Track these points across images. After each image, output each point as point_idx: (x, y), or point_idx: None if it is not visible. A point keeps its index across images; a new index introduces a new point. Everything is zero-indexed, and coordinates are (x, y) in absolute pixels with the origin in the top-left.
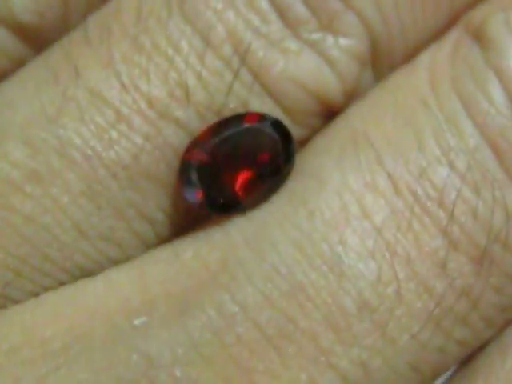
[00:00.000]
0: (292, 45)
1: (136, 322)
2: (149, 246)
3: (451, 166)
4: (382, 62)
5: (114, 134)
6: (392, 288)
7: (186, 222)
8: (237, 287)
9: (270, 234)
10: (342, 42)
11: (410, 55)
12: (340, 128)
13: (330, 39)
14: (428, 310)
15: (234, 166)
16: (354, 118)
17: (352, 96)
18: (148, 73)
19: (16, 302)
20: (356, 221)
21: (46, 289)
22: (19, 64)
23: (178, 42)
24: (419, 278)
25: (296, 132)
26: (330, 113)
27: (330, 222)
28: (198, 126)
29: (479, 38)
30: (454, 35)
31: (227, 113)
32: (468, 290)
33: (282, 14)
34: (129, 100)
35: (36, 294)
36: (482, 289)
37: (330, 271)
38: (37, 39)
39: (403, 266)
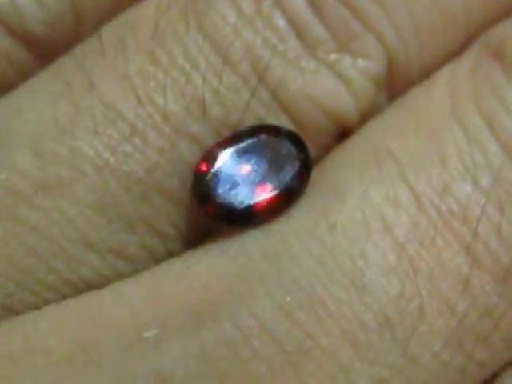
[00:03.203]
0: (309, 64)
1: (146, 334)
2: (158, 260)
3: (475, 182)
4: (397, 82)
5: (128, 148)
6: (414, 304)
7: (197, 238)
8: (254, 300)
9: (289, 247)
10: (360, 63)
11: (427, 74)
12: (360, 143)
13: (347, 60)
14: (450, 328)
15: (250, 178)
16: (374, 134)
17: (366, 116)
18: (164, 87)
19: (17, 314)
20: (378, 235)
21: (48, 302)
22: (25, 75)
23: (196, 57)
24: (442, 296)
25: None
26: (342, 133)
27: (351, 236)
28: (213, 141)
29: (499, 57)
30: (472, 54)
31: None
32: (491, 309)
33: (300, 34)
34: (144, 114)
35: (37, 307)
36: (505, 309)
37: (352, 285)
38: (46, 51)
39: (426, 282)
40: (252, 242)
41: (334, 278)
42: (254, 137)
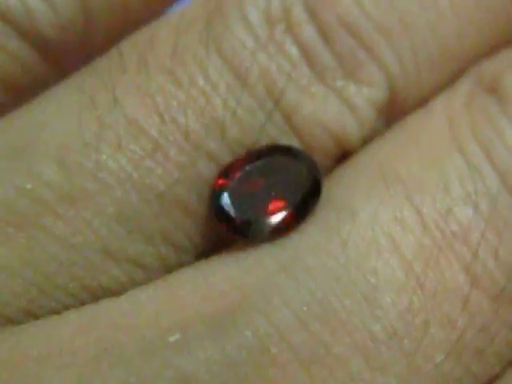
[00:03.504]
0: (319, 90)
1: (170, 338)
2: (170, 270)
3: (476, 207)
4: (395, 107)
5: (150, 163)
6: (420, 318)
7: (211, 251)
8: (272, 310)
9: (304, 261)
10: (365, 90)
11: (422, 102)
12: (365, 163)
13: (353, 87)
14: (451, 342)
15: (264, 195)
16: (378, 154)
17: (366, 141)
18: (185, 106)
19: (37, 318)
20: (387, 253)
21: (68, 308)
22: (37, 78)
23: (216, 79)
24: (444, 311)
25: None
26: (342, 156)
27: (363, 253)
28: (230, 159)
29: (493, 91)
30: (466, 87)
31: None
32: (487, 325)
33: (310, 61)
34: (166, 131)
35: (57, 313)
36: (499, 326)
37: (363, 299)
38: (57, 54)
39: (430, 298)
40: (267, 255)
41: (348, 291)
42: (269, 156)
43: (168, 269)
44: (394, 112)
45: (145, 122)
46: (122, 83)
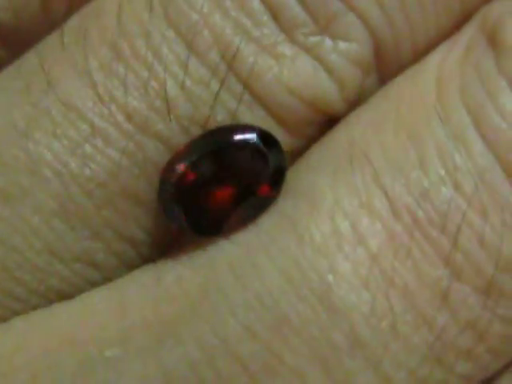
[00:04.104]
0: (286, 50)
1: (108, 353)
2: (131, 266)
3: (456, 186)
4: (388, 66)
5: (89, 149)
6: (387, 321)
7: (169, 240)
8: (217, 318)
9: (255, 260)
10: (342, 45)
11: (420, 57)
12: (337, 139)
13: (328, 43)
14: (427, 343)
15: (218, 185)
16: (352, 129)
17: (354, 103)
18: (126, 83)
19: None
20: (349, 247)
21: (18, 314)
22: None
23: (159, 47)
24: (417, 310)
25: (290, 143)
26: (329, 120)
27: (320, 248)
28: (182, 140)
29: (494, 41)
30: (467, 35)
31: (213, 126)
32: (473, 322)
33: (276, 16)
34: (105, 113)
35: (6, 320)
36: (489, 321)
37: (319, 303)
38: (13, 40)
39: (400, 297)
40: (219, 253)
41: (301, 294)
42: (223, 138)
43: (130, 266)
44: (387, 69)
45: (81, 105)
46: (58, 63)
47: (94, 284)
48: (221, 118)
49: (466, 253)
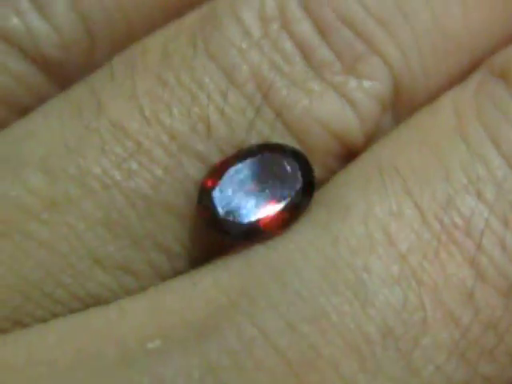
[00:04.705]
0: (315, 85)
1: (150, 345)
2: (164, 277)
3: (479, 195)
4: (402, 104)
5: (134, 165)
6: (418, 316)
7: (203, 255)
8: (257, 311)
9: (292, 261)
10: (366, 84)
11: (432, 98)
12: (365, 162)
13: (353, 81)
14: (454, 340)
15: (254, 194)
16: (379, 153)
17: (372, 138)
18: (171, 107)
19: (24, 327)
20: (381, 247)
21: (56, 316)
22: (42, 99)
23: (202, 78)
24: (445, 308)
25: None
26: (348, 155)
27: (354, 249)
28: (218, 159)
29: (504, 76)
30: (477, 76)
31: None
32: (495, 322)
33: (306, 56)
34: (150, 133)
35: (45, 321)
36: (510, 322)
37: (355, 297)
38: (61, 74)
39: (429, 294)
40: (256, 256)
41: (337, 289)
42: (258, 154)
43: (163, 277)
44: (402, 109)
45: (128, 125)
46: (108, 89)
47: (129, 292)
48: (255, 142)
49: (489, 256)
